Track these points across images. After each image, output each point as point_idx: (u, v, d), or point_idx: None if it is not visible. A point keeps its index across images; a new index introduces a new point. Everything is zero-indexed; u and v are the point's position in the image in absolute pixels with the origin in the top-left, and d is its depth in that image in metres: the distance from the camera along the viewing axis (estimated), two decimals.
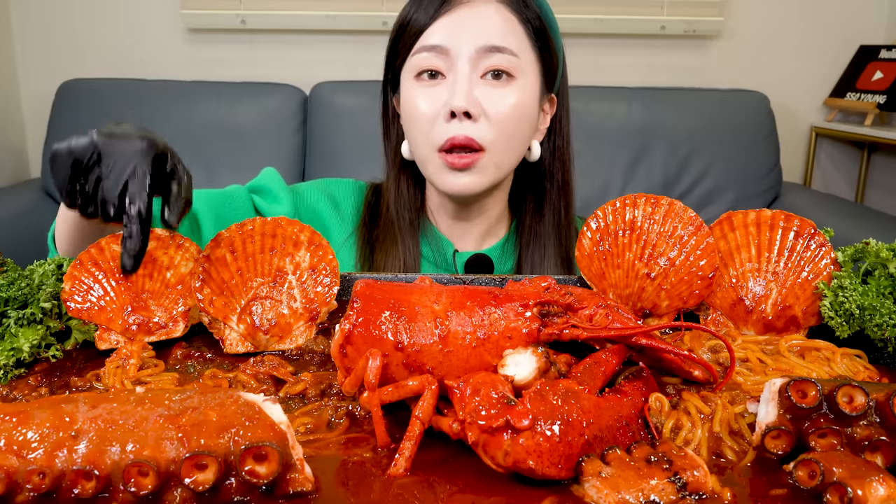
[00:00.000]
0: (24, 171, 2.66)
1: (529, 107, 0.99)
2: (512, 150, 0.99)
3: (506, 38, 0.96)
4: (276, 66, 2.61)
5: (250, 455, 0.47)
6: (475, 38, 0.96)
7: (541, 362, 0.58)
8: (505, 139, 0.97)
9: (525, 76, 0.98)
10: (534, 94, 1.00)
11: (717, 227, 0.79)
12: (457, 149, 0.95)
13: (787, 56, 2.70)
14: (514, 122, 0.97)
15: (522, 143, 1.01)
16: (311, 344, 0.73)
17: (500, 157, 0.98)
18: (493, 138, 0.96)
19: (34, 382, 0.66)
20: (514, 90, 0.97)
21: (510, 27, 0.98)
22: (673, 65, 2.66)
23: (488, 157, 0.97)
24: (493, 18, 0.97)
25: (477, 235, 1.12)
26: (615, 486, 0.48)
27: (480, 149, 0.95)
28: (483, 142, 0.95)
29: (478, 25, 0.96)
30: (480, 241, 1.12)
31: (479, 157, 0.96)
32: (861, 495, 0.46)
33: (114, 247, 0.76)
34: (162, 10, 2.55)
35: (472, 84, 0.96)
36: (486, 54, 0.95)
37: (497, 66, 0.96)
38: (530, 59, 0.99)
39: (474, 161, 0.96)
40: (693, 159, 2.44)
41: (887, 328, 0.69)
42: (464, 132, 0.94)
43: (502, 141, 0.97)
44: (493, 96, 0.96)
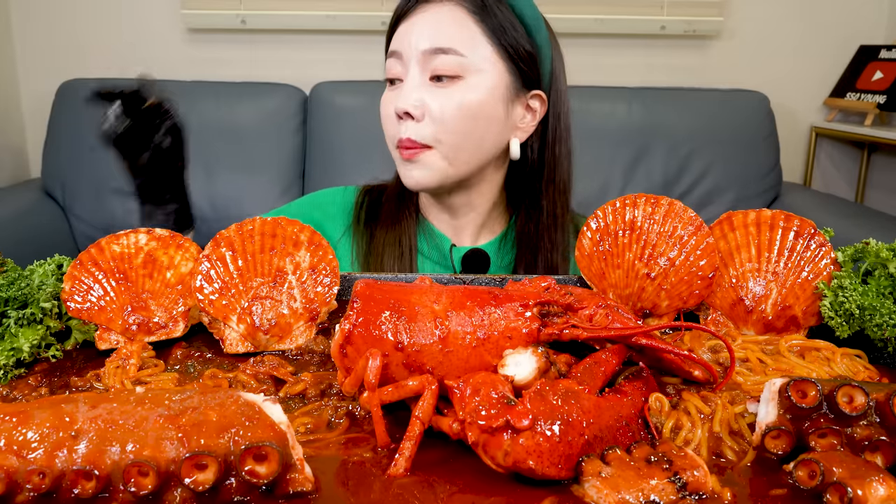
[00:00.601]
0: (24, 171, 2.66)
1: (484, 105, 1.00)
2: (466, 148, 1.01)
3: (451, 39, 0.98)
4: (276, 66, 2.61)
5: (250, 455, 0.47)
6: (421, 41, 0.99)
7: (541, 362, 0.58)
8: (452, 137, 0.99)
9: (478, 75, 0.99)
10: (492, 91, 1.00)
11: (717, 227, 0.79)
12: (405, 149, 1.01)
13: (787, 56, 2.69)
14: (461, 121, 0.98)
15: (480, 140, 1.02)
16: (311, 344, 0.73)
17: (450, 153, 1.00)
18: (436, 137, 0.99)
19: (34, 382, 0.66)
20: (460, 90, 0.98)
21: (459, 27, 0.99)
22: (673, 65, 2.66)
23: (435, 154, 1.00)
24: (441, 20, 0.99)
25: (472, 231, 1.13)
26: (615, 486, 0.48)
27: (423, 146, 0.99)
28: (424, 140, 0.99)
29: (426, 28, 0.99)
30: (476, 237, 1.13)
31: (423, 152, 0.99)
32: (861, 495, 0.46)
33: (114, 247, 0.76)
34: (162, 10, 2.55)
35: (419, 86, 0.99)
36: (431, 56, 0.98)
37: (438, 68, 0.98)
38: (487, 57, 0.99)
39: (418, 155, 1.00)
40: (693, 159, 2.44)
41: (887, 328, 0.69)
42: (406, 133, 1.00)
43: (449, 139, 0.99)
44: (437, 97, 0.98)
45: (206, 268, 0.74)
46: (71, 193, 2.39)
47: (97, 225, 2.37)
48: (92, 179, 2.36)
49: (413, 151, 1.00)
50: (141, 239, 0.77)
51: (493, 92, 1.00)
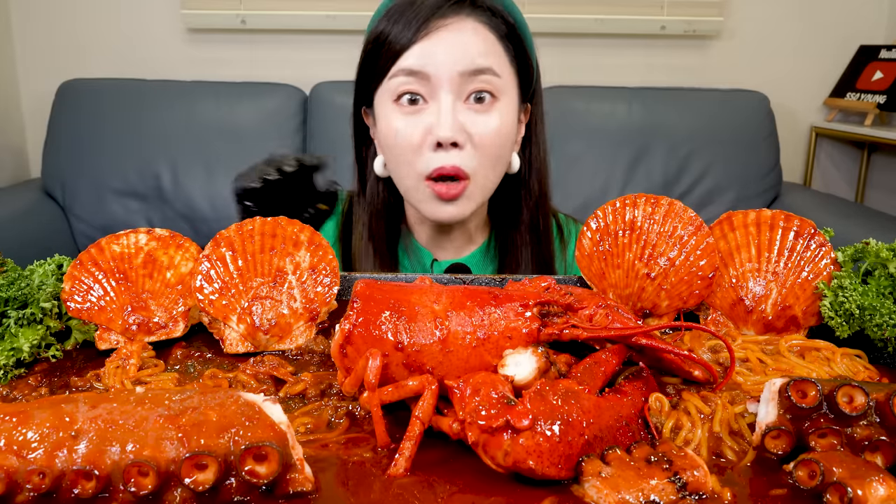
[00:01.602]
0: (24, 171, 2.66)
1: (511, 125, 0.98)
2: (496, 173, 0.99)
3: (487, 58, 0.95)
4: (276, 66, 2.61)
5: (250, 455, 0.47)
6: (456, 61, 0.93)
7: (541, 362, 0.58)
8: (490, 164, 0.97)
9: (506, 94, 0.97)
10: (514, 111, 0.99)
11: (717, 227, 0.79)
12: (444, 178, 0.95)
13: (787, 56, 2.69)
14: (499, 147, 0.96)
15: (505, 162, 1.01)
16: (311, 344, 0.73)
17: (484, 181, 0.98)
18: (477, 165, 0.95)
19: (34, 382, 0.66)
20: (498, 112, 0.96)
21: (490, 46, 0.96)
22: (673, 65, 2.66)
23: (474, 184, 0.97)
24: (472, 39, 0.94)
25: (456, 245, 1.11)
26: (615, 486, 0.48)
27: (466, 177, 0.95)
28: (468, 169, 0.95)
29: (458, 48, 0.94)
30: (459, 250, 1.12)
31: (466, 185, 0.96)
32: (861, 495, 0.46)
33: (114, 247, 0.76)
34: (162, 10, 2.55)
35: (457, 110, 0.94)
36: (469, 78, 0.94)
37: (480, 88, 0.94)
38: (510, 76, 0.98)
39: (462, 190, 0.96)
40: (693, 159, 2.44)
41: (887, 328, 0.69)
42: (451, 162, 0.94)
43: (487, 166, 0.96)
44: (477, 122, 0.94)
45: (206, 268, 0.74)
46: (71, 193, 2.39)
47: (97, 225, 2.37)
48: (92, 179, 2.37)
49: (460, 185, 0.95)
50: (141, 239, 0.77)
51: (515, 112, 0.99)
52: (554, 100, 2.45)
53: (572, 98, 2.46)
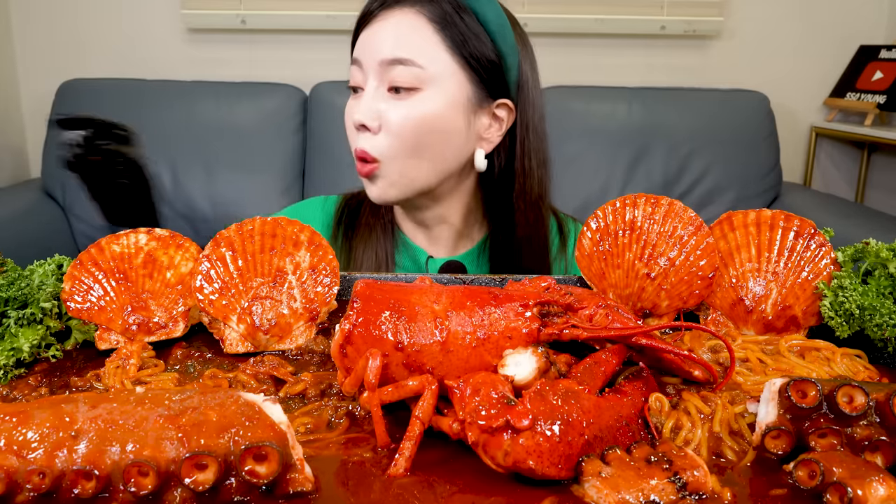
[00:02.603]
0: (24, 171, 2.66)
1: (442, 117, 0.97)
2: (420, 160, 0.98)
3: (409, 49, 0.95)
4: (276, 66, 2.61)
5: (250, 455, 0.47)
6: (379, 50, 0.96)
7: (541, 362, 0.58)
8: (405, 151, 0.97)
9: (436, 87, 0.96)
10: (452, 103, 0.98)
11: (717, 227, 0.79)
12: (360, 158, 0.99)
13: (787, 56, 2.70)
14: (416, 134, 0.96)
15: (439, 153, 0.99)
16: (311, 344, 0.73)
17: (403, 167, 0.98)
18: (387, 150, 0.97)
19: (34, 382, 0.66)
20: (416, 102, 0.96)
21: (419, 36, 0.96)
22: (673, 65, 2.66)
23: (386, 168, 0.98)
24: (401, 29, 0.96)
25: (447, 243, 1.11)
26: (615, 486, 0.48)
27: (374, 160, 0.97)
28: (375, 153, 0.97)
29: (385, 37, 0.97)
30: (453, 248, 1.12)
31: (376, 167, 0.98)
32: (861, 495, 0.46)
33: (114, 247, 0.76)
34: (162, 10, 2.55)
35: (377, 97, 0.97)
36: (388, 67, 0.96)
37: (395, 79, 0.96)
38: (447, 68, 0.97)
39: (372, 171, 0.98)
40: (693, 159, 2.44)
41: (887, 328, 0.69)
42: (360, 144, 0.98)
43: (402, 153, 0.97)
44: (392, 109, 0.96)
45: (206, 268, 0.74)
46: (71, 193, 2.39)
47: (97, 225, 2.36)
48: None
49: (369, 166, 0.98)
50: (141, 239, 0.77)
51: (452, 104, 0.98)
52: (554, 100, 2.45)
53: (572, 98, 2.46)
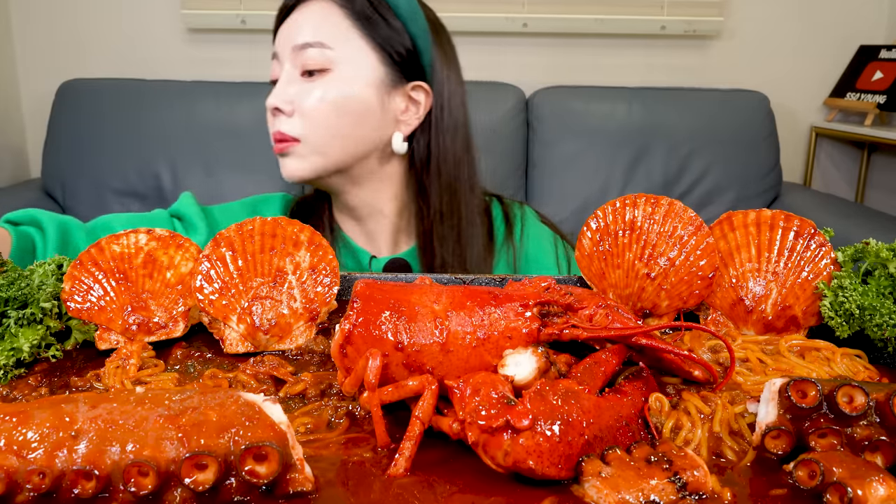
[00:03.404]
0: (24, 171, 2.66)
1: (354, 97, 1.00)
2: (334, 138, 1.01)
3: (318, 33, 1.00)
4: None
5: (250, 455, 0.47)
6: (293, 38, 1.01)
7: (541, 362, 0.58)
8: (320, 130, 1.00)
9: (347, 68, 1.00)
10: (364, 84, 1.01)
11: (717, 227, 0.79)
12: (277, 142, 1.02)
13: (787, 56, 2.70)
14: (328, 115, 0.99)
15: (353, 132, 1.01)
16: (311, 344, 0.73)
17: (318, 144, 1.00)
18: (304, 131, 1.00)
19: (34, 382, 0.66)
20: (329, 83, 0.99)
21: (328, 22, 1.00)
22: (673, 65, 2.66)
23: (304, 147, 1.00)
24: (311, 17, 1.01)
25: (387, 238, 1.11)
26: (615, 486, 0.48)
27: (293, 139, 1.00)
28: (294, 133, 1.00)
29: (298, 25, 1.02)
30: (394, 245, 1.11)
31: (292, 145, 1.00)
32: (861, 495, 0.46)
33: (114, 247, 0.76)
34: (162, 10, 2.55)
35: (290, 82, 1.01)
36: (299, 52, 1.00)
37: (306, 63, 1.00)
38: (357, 50, 1.00)
39: (288, 147, 1.01)
40: (693, 159, 2.44)
41: (887, 328, 0.69)
42: (276, 127, 1.02)
43: (317, 132, 1.00)
44: (304, 92, 1.00)
45: (206, 268, 0.74)
46: (71, 193, 2.39)
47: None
48: (92, 179, 2.37)
49: (283, 145, 1.01)
50: (141, 239, 0.77)
51: (364, 84, 1.00)
52: (554, 100, 2.45)
53: (572, 98, 2.46)
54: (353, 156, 1.03)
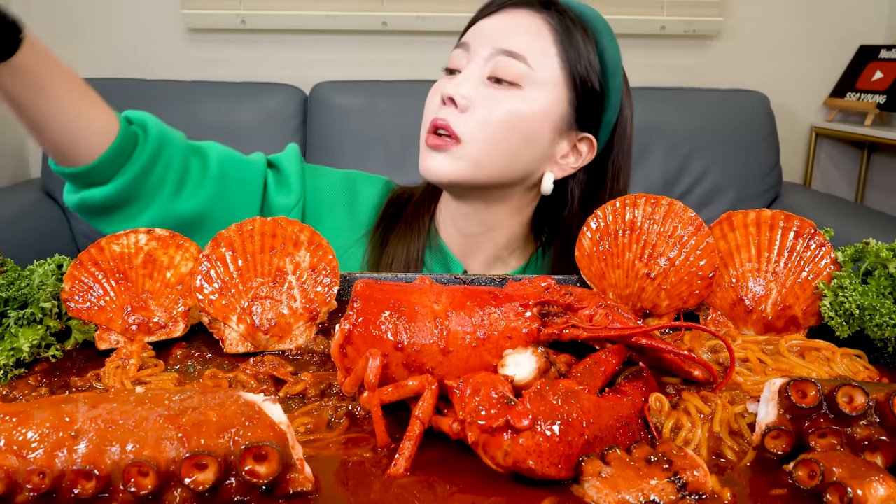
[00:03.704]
0: (24, 171, 2.66)
1: (532, 121, 0.96)
2: (496, 154, 0.96)
3: (522, 45, 0.95)
4: (276, 66, 2.61)
5: (250, 455, 0.47)
6: (495, 39, 0.97)
7: (541, 362, 0.58)
8: (486, 138, 0.95)
9: (536, 90, 0.96)
10: (545, 112, 0.97)
11: (717, 227, 0.79)
12: (438, 132, 0.97)
13: (787, 56, 2.70)
14: (501, 129, 0.95)
15: (514, 155, 0.98)
16: (311, 344, 0.73)
17: (478, 153, 0.96)
18: (471, 132, 0.95)
19: (34, 382, 0.66)
20: (514, 98, 0.95)
21: (535, 38, 0.96)
22: (673, 65, 2.66)
23: (464, 149, 0.95)
24: (519, 26, 0.97)
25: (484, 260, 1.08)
26: (615, 486, 0.48)
27: (456, 137, 0.95)
28: (459, 131, 0.95)
29: (504, 28, 0.97)
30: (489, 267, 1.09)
31: (453, 144, 0.96)
32: (861, 495, 0.46)
33: (114, 247, 0.76)
34: (162, 10, 2.55)
35: (475, 80, 0.96)
36: (498, 56, 0.96)
37: (499, 70, 0.95)
38: (552, 77, 0.96)
39: (447, 145, 0.96)
40: (693, 159, 2.44)
41: (887, 328, 0.69)
42: (445, 115, 0.96)
43: (483, 139, 0.95)
44: (487, 97, 0.95)
45: (206, 268, 0.74)
46: None
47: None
48: None
49: (443, 140, 0.96)
50: (141, 239, 0.77)
51: (545, 112, 0.97)
52: None
53: None
54: (502, 177, 0.99)
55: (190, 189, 1.01)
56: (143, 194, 0.97)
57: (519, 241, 1.09)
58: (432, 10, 2.56)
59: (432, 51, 2.65)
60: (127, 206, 0.97)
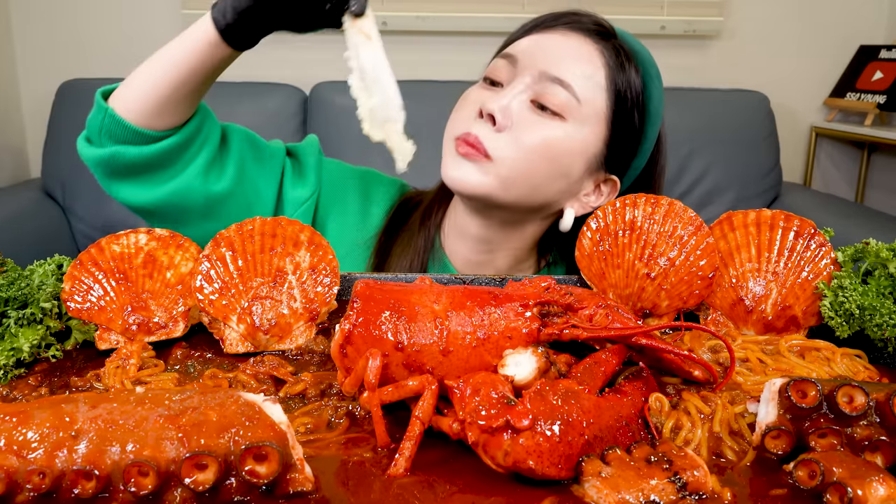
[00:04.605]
0: (24, 171, 2.66)
1: (567, 154, 0.92)
2: (524, 179, 0.92)
3: (577, 77, 0.91)
4: (276, 66, 2.60)
5: (250, 455, 0.47)
6: (548, 62, 0.92)
7: (541, 362, 0.58)
8: (518, 163, 0.91)
9: (579, 124, 0.92)
10: (583, 147, 0.93)
11: (717, 227, 0.79)
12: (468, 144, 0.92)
13: (787, 56, 2.70)
14: (537, 155, 0.91)
15: (542, 183, 0.93)
16: (311, 344, 0.73)
17: (507, 173, 0.91)
18: (503, 153, 0.90)
19: (34, 382, 0.66)
20: (554, 128, 0.91)
21: (592, 73, 0.92)
22: (673, 65, 2.66)
23: (493, 166, 0.91)
24: (576, 53, 0.93)
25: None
26: (615, 486, 0.48)
27: (486, 155, 0.91)
28: (491, 149, 0.90)
29: (560, 53, 0.92)
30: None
31: (484, 160, 0.91)
32: (861, 495, 0.46)
33: (114, 247, 0.77)
34: (162, 10, 2.55)
35: (519, 101, 0.91)
36: (547, 82, 0.91)
37: (546, 97, 0.91)
38: (597, 113, 0.93)
39: (477, 157, 0.91)
40: (693, 159, 2.44)
41: (887, 328, 0.69)
42: (476, 130, 0.91)
43: (514, 163, 0.91)
44: (529, 121, 0.91)
45: (206, 268, 0.74)
46: (71, 193, 2.39)
47: (97, 225, 2.37)
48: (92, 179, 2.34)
49: (473, 151, 0.91)
50: (141, 239, 0.77)
51: (581, 148, 0.93)
52: None
53: None
54: (525, 202, 0.95)
55: (217, 168, 0.98)
56: (175, 165, 0.94)
57: (521, 263, 1.07)
58: (432, 10, 2.56)
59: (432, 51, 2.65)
60: (155, 172, 0.94)
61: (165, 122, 0.92)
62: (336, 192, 1.09)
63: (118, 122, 0.91)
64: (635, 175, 1.01)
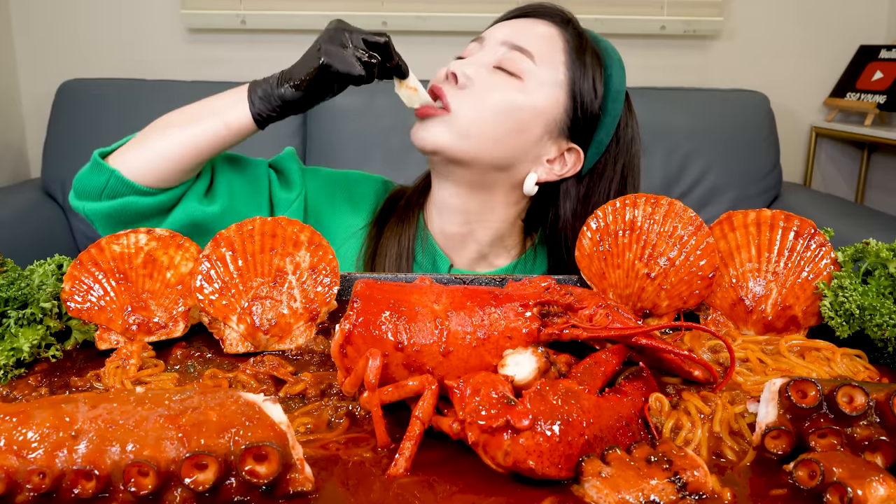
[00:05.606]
0: (24, 171, 2.66)
1: (524, 111, 0.99)
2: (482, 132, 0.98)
3: (533, 45, 1.00)
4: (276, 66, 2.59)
5: (250, 455, 0.47)
6: (508, 36, 1.02)
7: (541, 362, 0.58)
8: (476, 115, 0.98)
9: (536, 86, 0.99)
10: (540, 108, 1.00)
11: (717, 227, 0.79)
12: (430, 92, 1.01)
13: (787, 56, 2.69)
14: (494, 110, 0.98)
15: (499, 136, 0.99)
16: (311, 344, 0.73)
17: (465, 126, 0.98)
18: (462, 106, 0.98)
19: (34, 382, 0.66)
20: (512, 87, 0.99)
21: (548, 44, 1.01)
22: (673, 65, 2.66)
23: (453, 119, 0.98)
24: (537, 31, 1.02)
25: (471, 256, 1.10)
26: (615, 486, 0.48)
27: (447, 107, 0.98)
28: (451, 103, 0.98)
29: (519, 30, 1.02)
30: (475, 264, 1.11)
31: (442, 114, 0.98)
32: (861, 495, 0.46)
33: (114, 247, 0.76)
34: (162, 10, 2.55)
35: (480, 64, 1.00)
36: (507, 49, 1.00)
37: (504, 61, 0.99)
38: (554, 80, 1.00)
39: (436, 112, 0.99)
40: (693, 159, 2.43)
41: (887, 328, 0.69)
42: (441, 85, 1.00)
43: (473, 115, 0.98)
44: (488, 80, 0.99)
45: (206, 268, 0.74)
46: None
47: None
48: None
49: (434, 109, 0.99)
50: (141, 239, 0.77)
51: (540, 108, 1.00)
52: None
53: None
54: (485, 157, 1.01)
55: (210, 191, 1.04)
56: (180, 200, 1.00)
57: (505, 240, 1.11)
58: (432, 10, 2.56)
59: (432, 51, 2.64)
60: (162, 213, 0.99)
61: (179, 181, 0.98)
62: (322, 192, 1.14)
63: (125, 183, 0.95)
64: (602, 149, 1.05)
